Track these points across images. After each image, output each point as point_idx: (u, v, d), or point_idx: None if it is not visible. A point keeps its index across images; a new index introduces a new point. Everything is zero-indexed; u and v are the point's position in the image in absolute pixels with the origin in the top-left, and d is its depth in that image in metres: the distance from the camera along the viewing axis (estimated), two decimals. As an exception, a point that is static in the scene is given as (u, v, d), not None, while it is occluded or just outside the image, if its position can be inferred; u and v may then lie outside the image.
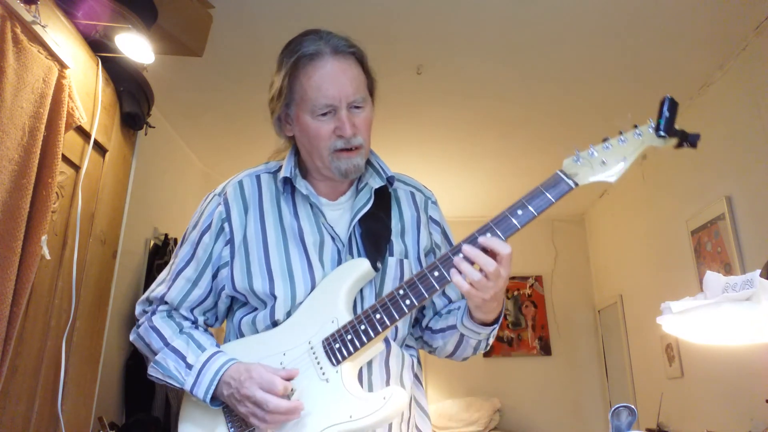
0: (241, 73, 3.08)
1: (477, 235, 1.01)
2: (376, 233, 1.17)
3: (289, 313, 1.13)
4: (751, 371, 2.77)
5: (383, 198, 1.23)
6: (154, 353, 1.16)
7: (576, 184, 1.00)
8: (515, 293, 5.31)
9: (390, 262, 1.17)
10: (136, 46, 1.96)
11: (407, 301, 1.03)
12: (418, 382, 1.23)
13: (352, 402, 1.02)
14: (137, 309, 1.27)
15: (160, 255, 3.40)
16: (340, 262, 1.15)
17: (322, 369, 1.06)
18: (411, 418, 1.18)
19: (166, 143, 3.72)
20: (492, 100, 3.49)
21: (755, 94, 2.83)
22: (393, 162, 1.29)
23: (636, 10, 2.69)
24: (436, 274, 1.02)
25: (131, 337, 1.24)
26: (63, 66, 1.63)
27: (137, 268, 3.30)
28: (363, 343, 1.04)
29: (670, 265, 3.71)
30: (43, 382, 1.65)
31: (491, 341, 1.19)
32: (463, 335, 1.15)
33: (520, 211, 1.01)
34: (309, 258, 1.15)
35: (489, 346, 1.20)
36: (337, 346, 1.06)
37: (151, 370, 1.15)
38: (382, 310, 1.04)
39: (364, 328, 1.04)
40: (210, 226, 1.20)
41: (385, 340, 1.14)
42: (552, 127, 3.77)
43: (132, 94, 2.11)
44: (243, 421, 1.08)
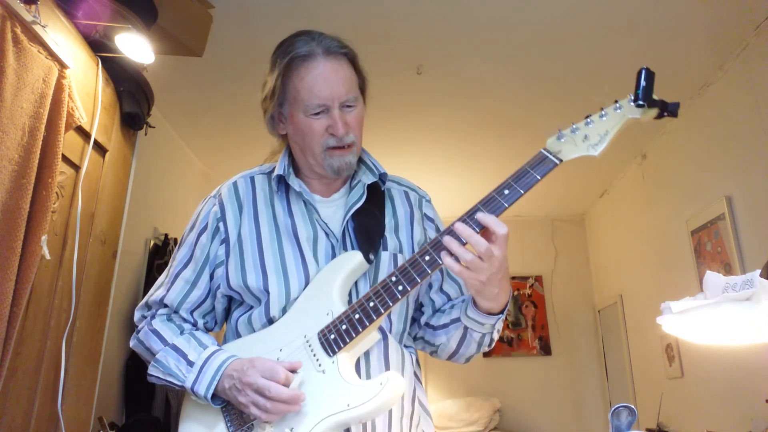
0: (241, 73, 3.08)
1: (466, 217, 1.01)
2: (369, 227, 1.18)
3: (285, 309, 1.13)
4: (751, 371, 2.77)
5: (377, 196, 1.24)
6: (155, 355, 1.16)
7: (560, 161, 1.03)
8: (515, 293, 5.31)
9: (383, 256, 1.18)
10: (136, 46, 1.96)
11: (400, 287, 1.03)
12: (419, 381, 1.22)
13: (349, 390, 1.02)
14: (136, 315, 1.27)
15: (160, 255, 3.41)
16: (334, 258, 1.16)
17: (318, 361, 1.06)
18: (414, 415, 1.17)
19: (166, 143, 3.72)
20: (492, 100, 3.49)
21: (755, 94, 2.82)
22: (393, 162, 1.30)
23: (636, 11, 2.69)
24: (427, 259, 1.02)
25: (131, 343, 1.23)
26: (63, 66, 1.63)
27: (137, 268, 3.30)
28: (358, 332, 1.04)
29: (670, 265, 3.71)
30: (43, 382, 1.65)
31: (495, 337, 1.18)
32: (467, 328, 1.14)
33: (506, 191, 1.01)
34: (303, 254, 1.16)
35: (493, 342, 1.19)
36: (332, 337, 1.06)
37: (152, 370, 1.15)
38: (375, 298, 1.04)
39: (358, 317, 1.05)
40: (206, 227, 1.21)
41: (382, 332, 1.13)
42: (552, 127, 3.73)
43: (132, 94, 2.11)
44: (241, 418, 1.08)
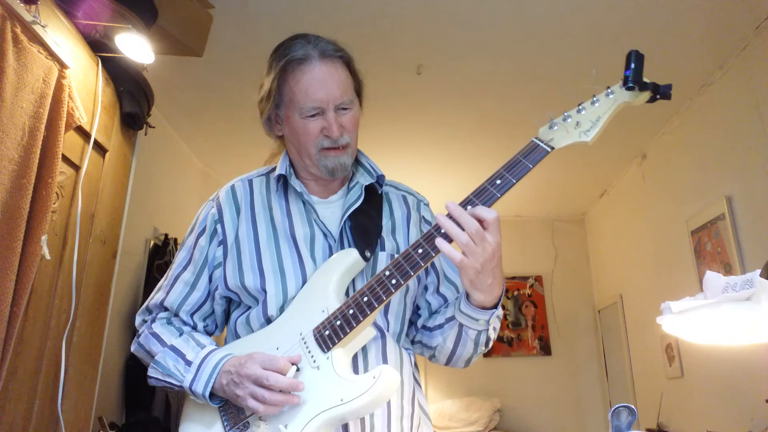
0: (241, 73, 3.08)
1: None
2: (366, 227, 1.19)
3: (282, 308, 1.14)
4: (751, 371, 2.77)
5: (375, 198, 1.25)
6: (154, 357, 1.16)
7: (552, 148, 1.03)
8: (515, 293, 5.31)
9: (381, 256, 1.18)
10: (136, 46, 1.95)
11: (393, 281, 1.03)
12: (417, 384, 1.22)
13: (342, 385, 1.01)
14: (137, 320, 1.28)
15: (160, 255, 3.40)
16: None
17: (313, 357, 1.06)
18: (414, 416, 1.16)
19: (166, 143, 3.72)
20: (492, 100, 3.48)
21: (755, 94, 2.82)
22: (393, 162, 1.31)
23: (635, 10, 2.68)
24: (420, 251, 1.02)
25: (132, 348, 1.24)
26: (63, 66, 1.63)
27: (137, 268, 3.30)
28: (352, 327, 1.04)
29: (670, 265, 3.71)
30: (43, 382, 1.65)
31: (492, 336, 1.17)
32: (462, 326, 1.13)
33: (499, 181, 1.03)
34: (300, 253, 1.17)
35: (490, 342, 1.18)
36: (327, 333, 1.06)
37: (151, 371, 1.15)
38: (369, 293, 1.04)
39: (352, 312, 1.05)
40: (204, 229, 1.22)
41: (380, 331, 1.13)
42: (552, 127, 3.75)
43: (132, 94, 2.11)
44: (237, 416, 1.08)
